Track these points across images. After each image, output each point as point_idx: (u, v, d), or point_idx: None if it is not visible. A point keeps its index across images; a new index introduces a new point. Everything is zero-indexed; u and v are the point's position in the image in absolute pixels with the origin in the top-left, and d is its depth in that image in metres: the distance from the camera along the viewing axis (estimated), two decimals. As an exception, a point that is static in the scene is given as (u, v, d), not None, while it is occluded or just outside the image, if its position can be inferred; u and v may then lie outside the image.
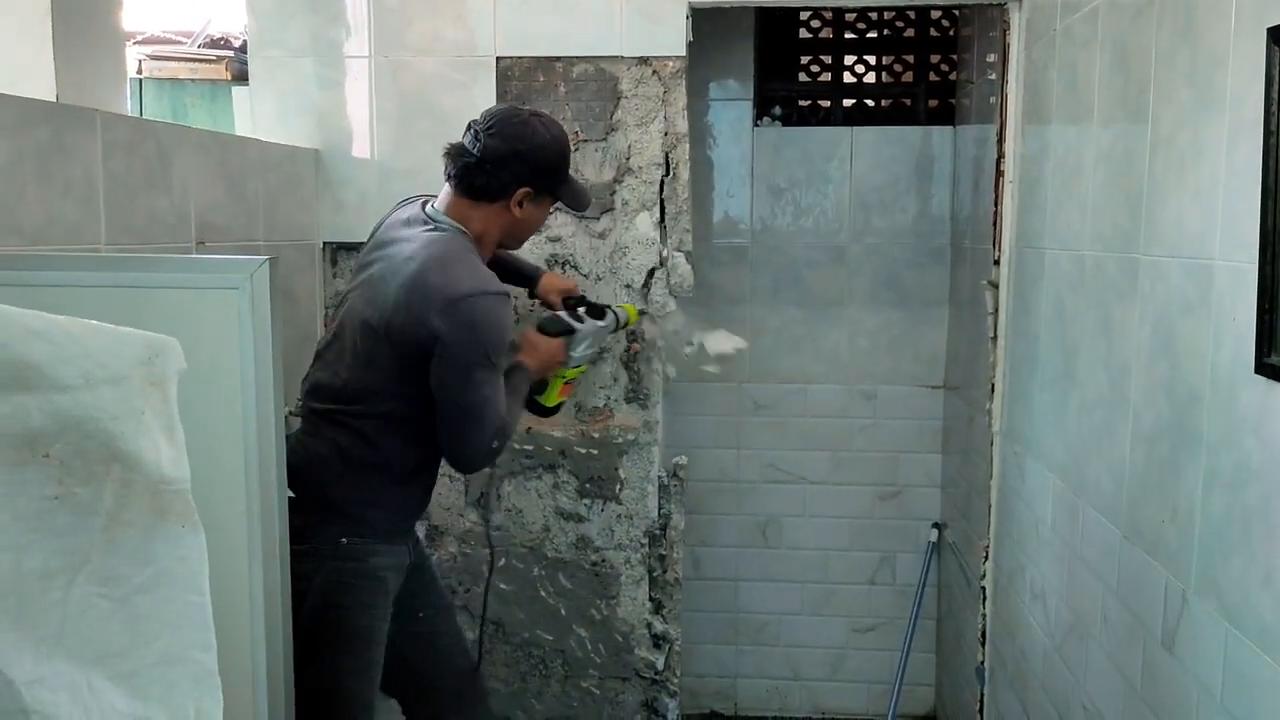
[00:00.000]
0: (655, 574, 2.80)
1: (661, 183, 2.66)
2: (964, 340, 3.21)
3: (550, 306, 2.45)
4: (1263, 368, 1.28)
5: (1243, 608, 1.35)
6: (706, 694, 3.64)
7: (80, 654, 0.77)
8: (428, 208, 2.08)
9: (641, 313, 2.66)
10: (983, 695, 2.77)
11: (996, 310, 2.64)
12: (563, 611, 2.77)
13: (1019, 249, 2.50)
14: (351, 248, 2.73)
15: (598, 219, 2.67)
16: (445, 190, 2.08)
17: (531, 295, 2.51)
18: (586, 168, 2.65)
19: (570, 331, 2.31)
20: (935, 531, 3.48)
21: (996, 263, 2.64)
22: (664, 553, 2.80)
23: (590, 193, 2.28)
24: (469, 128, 2.06)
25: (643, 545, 2.76)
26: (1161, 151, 1.63)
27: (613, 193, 2.66)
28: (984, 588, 2.74)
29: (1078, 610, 2.02)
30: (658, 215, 2.67)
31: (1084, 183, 2.01)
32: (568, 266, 2.69)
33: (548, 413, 2.40)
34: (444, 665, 2.26)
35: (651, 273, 2.68)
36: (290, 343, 2.66)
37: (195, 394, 0.92)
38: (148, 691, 0.80)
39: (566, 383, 2.38)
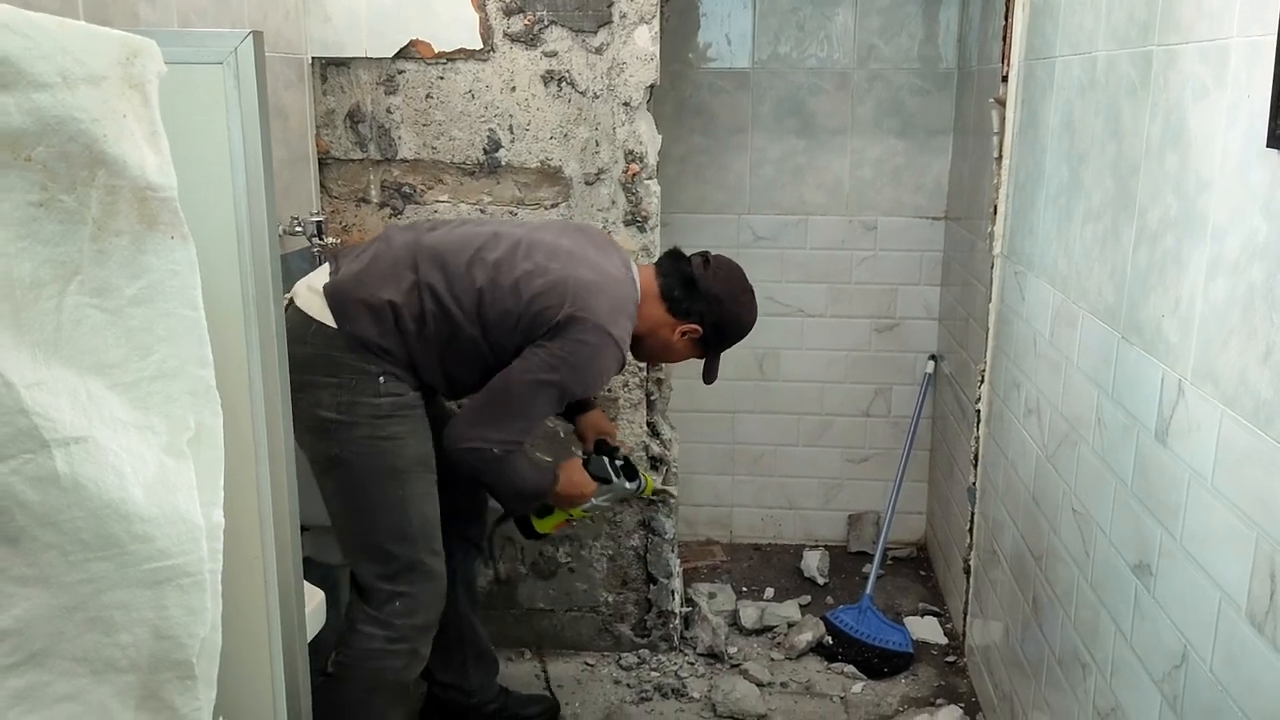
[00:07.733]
0: (653, 398, 2.82)
1: (661, -6, 2.56)
2: (967, 170, 3.16)
3: (582, 440, 2.49)
4: (1275, 140, 1.25)
5: (1239, 388, 1.35)
6: (702, 522, 3.73)
7: (77, 363, 0.76)
8: (631, 264, 2.23)
9: (655, 493, 2.73)
10: (973, 514, 2.83)
11: (1003, 129, 2.59)
12: (561, 434, 2.80)
13: (1028, 63, 2.43)
14: (341, 63, 2.65)
15: (594, 33, 2.58)
16: (651, 269, 2.27)
17: (568, 418, 2.50)
18: (583, -22, 2.55)
19: (607, 482, 2.36)
20: (932, 364, 3.49)
21: (1004, 79, 2.57)
22: (661, 377, 2.81)
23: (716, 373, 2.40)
24: (707, 257, 2.27)
25: (640, 369, 2.78)
26: (1184, -68, 1.56)
27: (610, 4, 2.56)
28: (978, 411, 2.76)
29: (1071, 418, 2.04)
30: (657, 29, 2.58)
31: (1100, -20, 1.94)
32: (564, 83, 2.61)
33: (533, 536, 2.43)
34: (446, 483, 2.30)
35: (651, 89, 2.61)
36: (281, 162, 2.62)
37: (179, 183, 0.89)
38: (147, 403, 0.80)
39: (568, 520, 2.40)
